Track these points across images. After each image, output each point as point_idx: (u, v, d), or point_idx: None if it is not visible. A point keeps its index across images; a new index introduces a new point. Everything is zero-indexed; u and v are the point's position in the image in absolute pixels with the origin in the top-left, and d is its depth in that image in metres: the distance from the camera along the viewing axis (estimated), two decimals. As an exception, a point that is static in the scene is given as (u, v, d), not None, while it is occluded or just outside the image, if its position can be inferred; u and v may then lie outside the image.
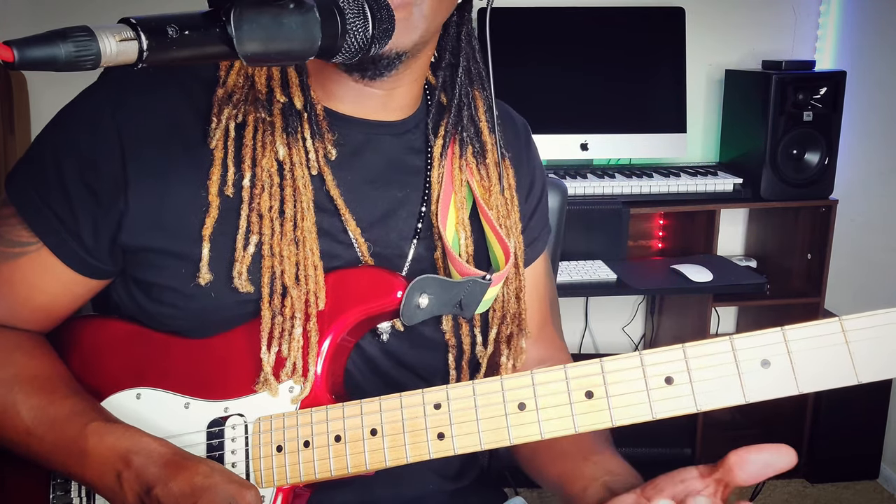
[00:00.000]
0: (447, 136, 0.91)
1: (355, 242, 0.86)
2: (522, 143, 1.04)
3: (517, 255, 0.93)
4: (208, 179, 0.81)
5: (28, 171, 0.84)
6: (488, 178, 0.92)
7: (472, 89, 0.93)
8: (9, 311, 0.87)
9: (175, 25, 0.56)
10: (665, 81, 2.52)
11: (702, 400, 0.69)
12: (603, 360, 0.72)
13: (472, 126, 0.92)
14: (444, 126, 0.92)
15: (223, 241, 0.82)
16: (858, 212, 2.61)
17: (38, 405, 0.82)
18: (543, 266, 1.07)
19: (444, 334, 0.91)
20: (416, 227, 0.90)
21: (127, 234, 0.82)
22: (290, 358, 0.81)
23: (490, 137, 0.93)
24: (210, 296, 0.82)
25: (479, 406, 0.74)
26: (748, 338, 0.69)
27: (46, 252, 0.83)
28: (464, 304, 0.87)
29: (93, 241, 0.83)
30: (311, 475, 0.79)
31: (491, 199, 0.92)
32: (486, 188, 0.92)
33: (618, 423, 0.71)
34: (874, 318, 0.67)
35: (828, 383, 0.67)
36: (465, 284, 0.85)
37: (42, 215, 0.82)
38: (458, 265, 0.86)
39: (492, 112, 0.93)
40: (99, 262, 0.84)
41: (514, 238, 0.93)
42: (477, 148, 0.92)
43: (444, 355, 0.92)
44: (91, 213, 0.82)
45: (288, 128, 0.82)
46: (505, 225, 0.92)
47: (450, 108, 0.92)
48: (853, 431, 2.52)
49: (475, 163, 0.92)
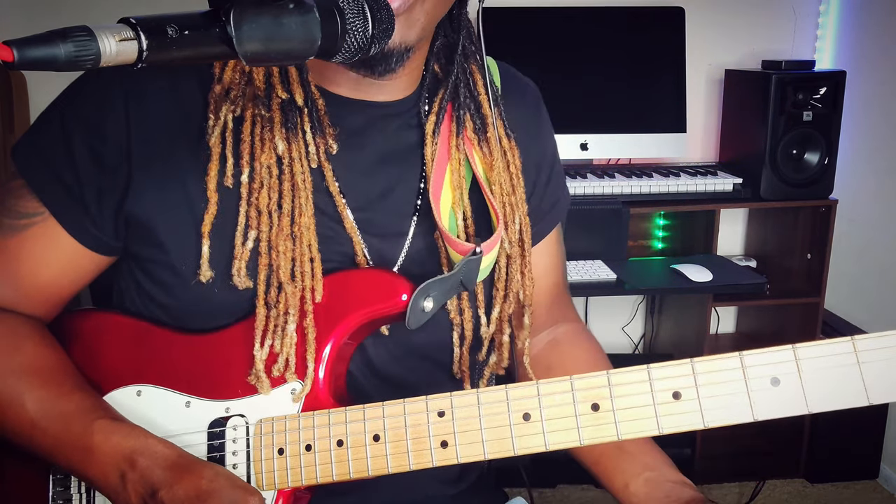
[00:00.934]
0: (441, 112, 0.90)
1: (353, 229, 0.85)
2: (532, 110, 1.02)
3: (523, 231, 0.92)
4: (206, 175, 0.81)
5: (35, 141, 0.85)
6: (490, 155, 0.90)
7: (470, 64, 0.92)
8: (13, 290, 0.87)
9: (175, 25, 0.56)
10: (665, 81, 2.52)
11: (709, 416, 0.69)
12: (610, 373, 0.71)
13: (471, 102, 0.91)
14: (437, 102, 0.90)
15: (222, 238, 0.82)
16: (858, 212, 2.61)
17: (44, 397, 0.82)
18: (557, 241, 1.07)
19: (448, 313, 0.90)
20: (416, 203, 0.89)
21: (131, 203, 0.82)
22: (282, 354, 0.80)
23: (490, 112, 0.91)
24: (212, 289, 0.83)
25: (483, 415, 0.74)
26: (758, 355, 0.68)
27: (52, 222, 0.84)
28: (465, 283, 0.86)
29: (98, 211, 0.83)
30: (312, 479, 0.78)
31: (493, 175, 0.90)
32: (488, 165, 0.91)
33: (624, 436, 0.70)
34: (887, 338, 0.66)
35: (838, 403, 0.66)
36: (461, 268, 0.85)
37: (48, 184, 0.83)
38: (453, 243, 0.86)
39: (492, 90, 0.92)
40: (103, 235, 0.85)
41: (520, 215, 0.92)
42: (478, 124, 0.91)
43: (450, 339, 0.92)
44: (96, 181, 0.82)
45: (287, 122, 0.82)
46: (509, 202, 0.91)
47: (446, 84, 0.91)
48: (853, 431, 2.52)
49: (476, 140, 0.91)
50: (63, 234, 0.84)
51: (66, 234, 0.84)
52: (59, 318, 0.91)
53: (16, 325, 0.86)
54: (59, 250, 0.85)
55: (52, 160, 0.83)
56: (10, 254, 0.86)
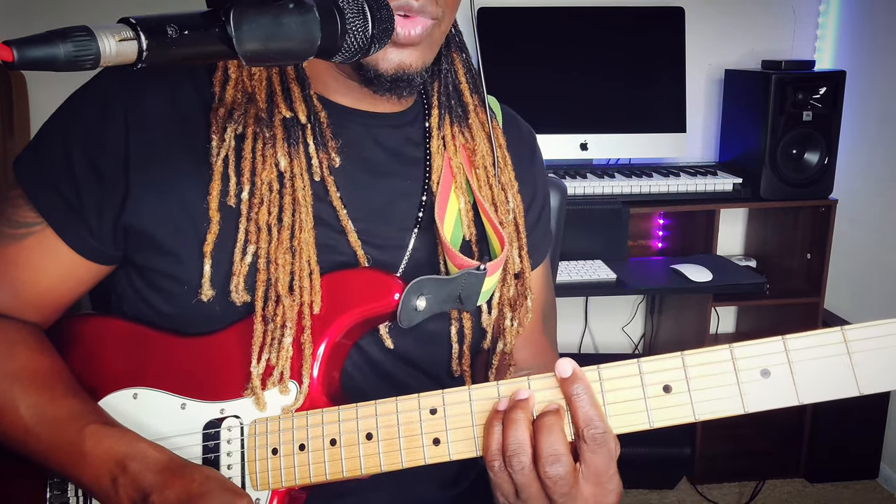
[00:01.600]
0: (441, 107, 0.91)
1: (353, 237, 0.86)
2: (526, 150, 1.03)
3: (517, 213, 0.92)
4: (209, 195, 0.81)
5: (36, 152, 0.85)
6: (472, 140, 0.91)
7: (451, 51, 0.92)
8: (13, 297, 0.87)
9: (174, 25, 0.56)
10: (665, 81, 2.52)
11: (700, 409, 0.69)
12: (600, 368, 0.71)
13: (454, 91, 0.92)
14: (435, 96, 0.91)
15: (222, 251, 0.82)
16: (858, 212, 2.61)
17: (37, 403, 0.82)
18: (542, 275, 1.06)
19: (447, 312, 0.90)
20: (417, 216, 0.90)
21: (129, 215, 0.82)
22: (277, 367, 0.80)
23: (471, 99, 0.92)
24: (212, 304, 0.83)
25: (475, 412, 0.74)
26: (748, 346, 0.68)
27: (50, 232, 0.84)
28: (463, 298, 0.86)
29: (96, 223, 0.83)
30: (306, 478, 0.78)
31: (477, 160, 0.91)
32: (471, 150, 0.91)
33: (615, 431, 0.70)
34: (876, 328, 0.66)
35: (828, 394, 0.66)
36: (461, 278, 0.85)
37: (47, 195, 0.83)
38: (454, 256, 0.86)
39: (471, 75, 0.93)
40: (102, 245, 0.85)
41: (512, 195, 0.93)
42: (459, 112, 0.92)
43: (448, 339, 0.92)
44: (95, 193, 0.82)
45: (290, 138, 0.82)
46: (500, 181, 0.91)
47: (439, 79, 0.91)
48: (853, 431, 2.52)
49: (458, 127, 0.91)
50: (61, 245, 0.84)
51: (63, 244, 0.84)
52: (57, 323, 0.91)
53: (10, 331, 0.86)
54: (58, 260, 0.85)
55: (51, 173, 0.83)
56: (9, 261, 0.86)
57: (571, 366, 0.70)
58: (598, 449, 0.68)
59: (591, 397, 0.69)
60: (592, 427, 0.68)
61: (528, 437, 0.69)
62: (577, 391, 0.69)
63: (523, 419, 0.69)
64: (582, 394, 0.69)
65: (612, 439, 0.69)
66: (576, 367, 0.70)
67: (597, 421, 0.68)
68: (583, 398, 0.69)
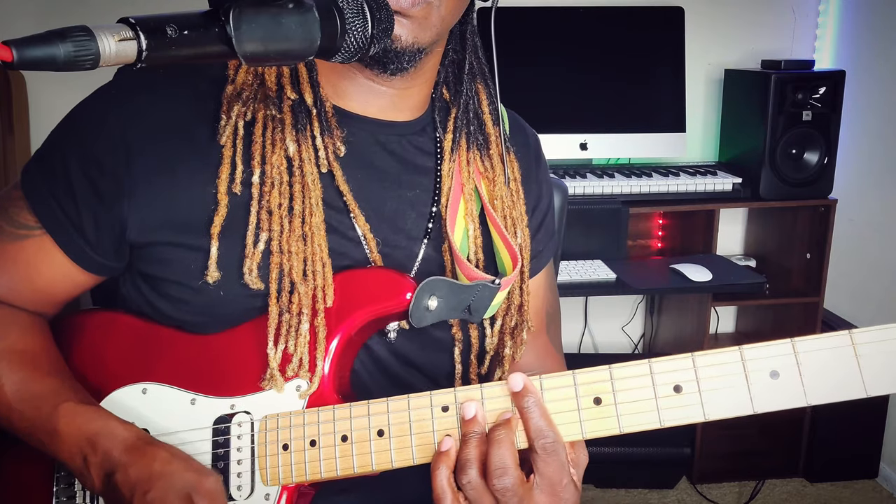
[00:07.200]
0: (457, 131, 0.91)
1: (364, 239, 0.86)
2: (532, 156, 1.03)
3: (522, 247, 0.93)
4: (217, 178, 0.81)
5: (39, 162, 0.86)
6: (493, 170, 0.92)
7: (476, 83, 0.93)
8: (11, 289, 0.87)
9: (174, 25, 0.56)
10: (664, 81, 2.52)
11: (710, 409, 0.70)
12: (612, 367, 0.72)
13: (475, 119, 0.93)
14: (451, 121, 0.92)
15: (232, 238, 0.82)
16: (857, 211, 2.61)
17: (21, 380, 0.83)
18: (546, 278, 1.07)
19: (451, 328, 0.91)
20: (427, 227, 0.90)
21: (133, 233, 0.82)
22: (296, 354, 0.81)
23: (493, 130, 0.93)
24: (219, 293, 0.83)
25: (486, 410, 0.74)
26: (758, 348, 0.69)
27: (49, 240, 0.84)
28: (472, 309, 0.87)
29: (95, 237, 0.83)
30: (316, 474, 0.79)
31: (496, 190, 0.92)
32: (490, 180, 0.92)
33: (626, 429, 0.71)
34: (885, 331, 0.67)
35: (836, 396, 0.68)
36: (474, 288, 0.86)
37: (47, 205, 0.83)
38: (466, 269, 0.86)
39: (494, 106, 0.94)
40: (102, 258, 0.85)
41: (521, 230, 0.94)
42: (480, 141, 0.93)
43: (452, 351, 0.93)
44: (93, 208, 0.82)
45: (298, 124, 0.83)
46: (511, 216, 0.92)
47: (458, 104, 0.92)
48: (852, 430, 2.52)
49: (479, 155, 0.92)
50: (59, 252, 0.85)
51: (61, 252, 0.85)
52: (65, 317, 0.92)
53: (4, 314, 0.87)
54: (55, 265, 0.86)
55: (51, 184, 0.83)
56: (8, 257, 0.86)
57: (523, 380, 0.73)
58: (549, 459, 0.71)
59: (542, 409, 0.72)
60: (543, 437, 0.71)
61: (476, 454, 0.72)
62: (527, 404, 0.72)
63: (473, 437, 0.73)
64: (533, 406, 0.72)
65: (562, 449, 0.72)
66: (527, 380, 0.73)
67: (547, 431, 0.71)
68: (533, 411, 0.72)
